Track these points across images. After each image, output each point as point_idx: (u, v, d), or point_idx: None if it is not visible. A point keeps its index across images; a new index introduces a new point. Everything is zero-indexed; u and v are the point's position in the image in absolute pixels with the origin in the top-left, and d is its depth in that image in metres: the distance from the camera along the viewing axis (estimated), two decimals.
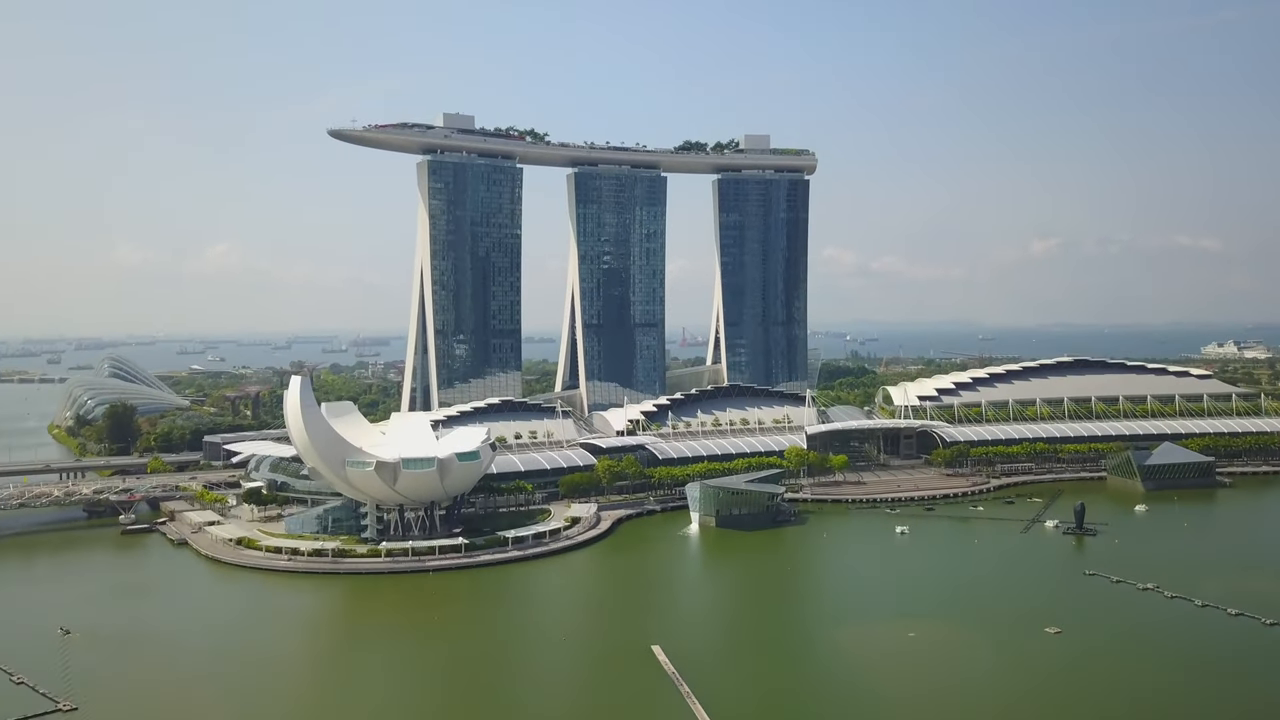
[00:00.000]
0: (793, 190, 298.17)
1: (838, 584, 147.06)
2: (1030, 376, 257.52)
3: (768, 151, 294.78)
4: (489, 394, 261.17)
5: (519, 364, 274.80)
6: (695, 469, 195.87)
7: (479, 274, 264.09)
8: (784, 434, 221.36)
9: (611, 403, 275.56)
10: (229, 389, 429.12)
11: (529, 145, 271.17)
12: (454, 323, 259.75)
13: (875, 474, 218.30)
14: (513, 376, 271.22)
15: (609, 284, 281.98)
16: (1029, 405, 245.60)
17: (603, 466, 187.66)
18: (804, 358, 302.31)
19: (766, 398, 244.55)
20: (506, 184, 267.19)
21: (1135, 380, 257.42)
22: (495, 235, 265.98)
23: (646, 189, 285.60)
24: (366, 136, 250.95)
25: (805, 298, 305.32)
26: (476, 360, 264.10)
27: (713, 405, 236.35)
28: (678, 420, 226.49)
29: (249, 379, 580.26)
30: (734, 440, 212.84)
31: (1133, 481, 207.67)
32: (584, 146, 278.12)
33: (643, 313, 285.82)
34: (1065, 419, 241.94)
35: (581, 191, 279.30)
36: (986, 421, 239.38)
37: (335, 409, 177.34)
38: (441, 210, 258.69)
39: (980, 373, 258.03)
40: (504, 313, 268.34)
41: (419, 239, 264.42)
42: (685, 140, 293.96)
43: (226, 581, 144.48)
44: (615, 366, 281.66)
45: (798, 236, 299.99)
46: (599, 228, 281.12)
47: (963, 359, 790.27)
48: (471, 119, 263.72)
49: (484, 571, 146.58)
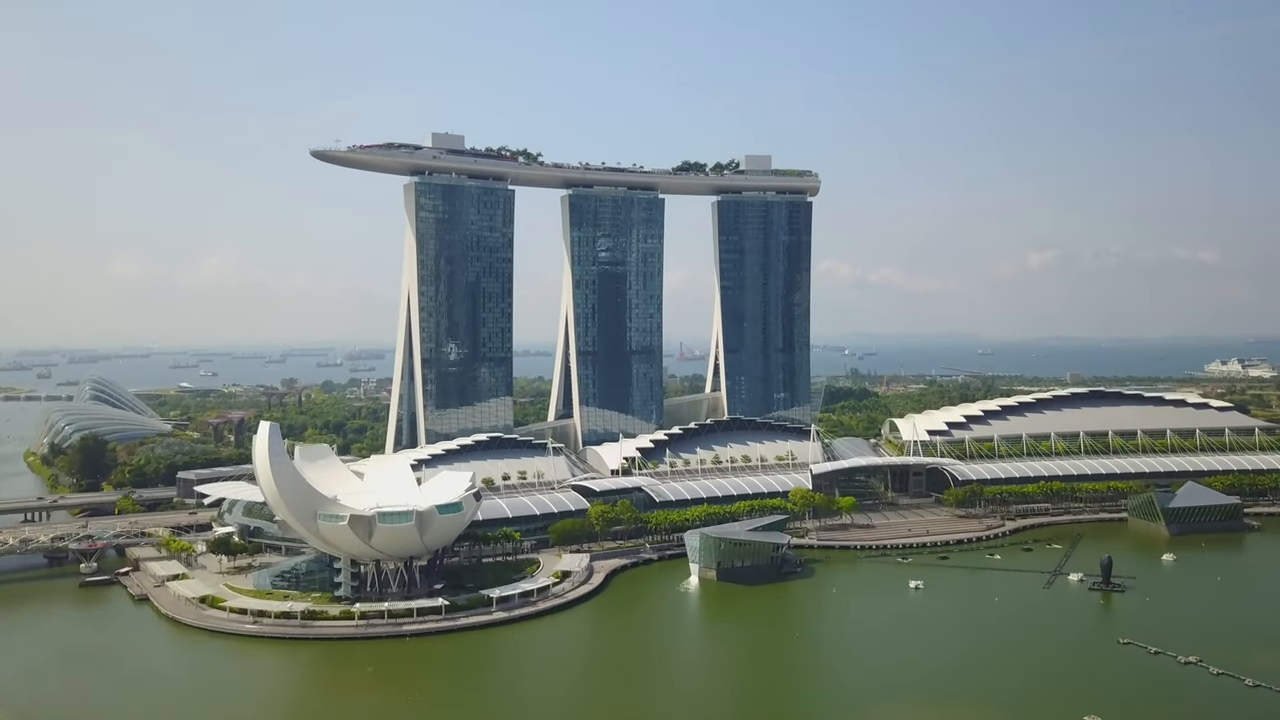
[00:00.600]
0: (794, 212, 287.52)
1: (850, 655, 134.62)
2: (1044, 409, 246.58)
3: (769, 172, 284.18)
4: (479, 421, 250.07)
5: (510, 389, 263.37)
6: (694, 513, 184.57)
7: (469, 299, 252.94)
8: (788, 472, 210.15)
9: (606, 430, 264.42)
10: (214, 412, 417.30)
11: (521, 166, 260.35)
12: (442, 350, 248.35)
13: (884, 515, 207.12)
14: (503, 402, 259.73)
15: (604, 310, 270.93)
16: (1043, 440, 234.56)
17: (596, 512, 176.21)
18: (806, 384, 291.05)
19: (769, 431, 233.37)
20: (498, 206, 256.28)
21: (1153, 412, 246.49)
22: (486, 259, 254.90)
23: (644, 211, 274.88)
24: (351, 158, 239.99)
25: (808, 323, 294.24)
26: (466, 388, 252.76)
27: (712, 440, 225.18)
28: (675, 457, 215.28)
29: (237, 399, 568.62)
30: (735, 480, 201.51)
31: (1156, 525, 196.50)
32: (578, 167, 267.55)
33: (639, 340, 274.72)
34: (1081, 454, 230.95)
35: (576, 214, 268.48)
36: (999, 457, 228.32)
37: (310, 452, 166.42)
38: (430, 233, 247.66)
39: (992, 405, 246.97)
40: (495, 339, 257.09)
41: (406, 263, 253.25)
42: (684, 160, 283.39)
43: (186, 648, 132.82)
44: (611, 395, 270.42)
45: (799, 260, 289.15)
46: (594, 251, 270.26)
47: (964, 376, 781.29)
48: (461, 139, 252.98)
49: (466, 636, 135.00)
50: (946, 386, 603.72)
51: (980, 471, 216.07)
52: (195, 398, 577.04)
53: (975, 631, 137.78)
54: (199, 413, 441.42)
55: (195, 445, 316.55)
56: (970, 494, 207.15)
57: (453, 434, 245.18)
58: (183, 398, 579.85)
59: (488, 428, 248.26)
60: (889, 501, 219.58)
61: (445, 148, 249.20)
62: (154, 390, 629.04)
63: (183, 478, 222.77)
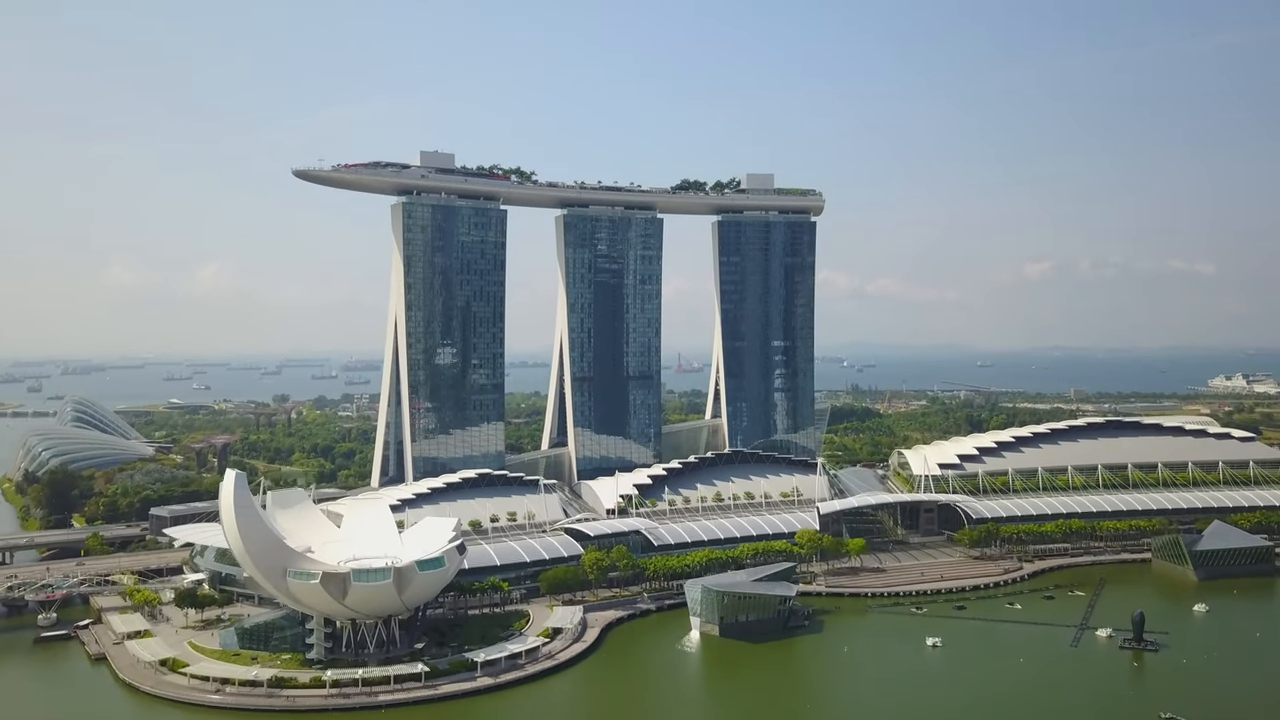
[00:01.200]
0: (798, 233, 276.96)
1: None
2: (1059, 439, 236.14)
3: (771, 191, 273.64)
4: (469, 448, 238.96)
5: (501, 414, 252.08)
6: (695, 558, 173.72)
7: (458, 325, 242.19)
8: (793, 510, 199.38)
9: (603, 458, 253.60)
10: (199, 434, 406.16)
11: (514, 186, 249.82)
12: (430, 379, 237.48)
13: (895, 556, 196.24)
14: (495, 428, 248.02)
15: (600, 334, 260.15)
16: (1059, 474, 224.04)
17: (590, 560, 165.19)
18: (810, 410, 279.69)
19: (773, 465, 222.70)
20: (490, 228, 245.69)
21: (1172, 443, 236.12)
22: (477, 283, 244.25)
23: (641, 231, 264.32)
24: (335, 177, 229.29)
25: (812, 347, 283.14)
26: (455, 415, 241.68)
27: (714, 474, 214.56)
28: (675, 494, 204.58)
29: (226, 416, 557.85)
30: (738, 520, 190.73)
31: (1183, 569, 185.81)
32: (573, 186, 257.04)
33: (637, 364, 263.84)
34: (1100, 489, 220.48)
35: (571, 234, 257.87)
36: (1014, 492, 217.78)
37: (283, 498, 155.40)
38: (418, 255, 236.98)
39: (1004, 436, 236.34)
40: (485, 366, 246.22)
41: (393, 285, 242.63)
42: (683, 179, 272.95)
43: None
44: (607, 422, 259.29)
45: (803, 282, 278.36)
46: (590, 273, 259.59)
47: (965, 392, 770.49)
48: (451, 157, 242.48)
49: (447, 706, 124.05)
50: (949, 404, 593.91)
51: (995, 509, 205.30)
52: (184, 415, 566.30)
53: (1000, 699, 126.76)
54: (186, 433, 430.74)
55: (176, 472, 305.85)
56: (985, 534, 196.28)
57: (442, 460, 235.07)
58: (171, 415, 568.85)
59: (479, 455, 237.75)
60: (899, 539, 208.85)
61: (434, 166, 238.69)
62: (142, 406, 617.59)
63: (155, 514, 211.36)
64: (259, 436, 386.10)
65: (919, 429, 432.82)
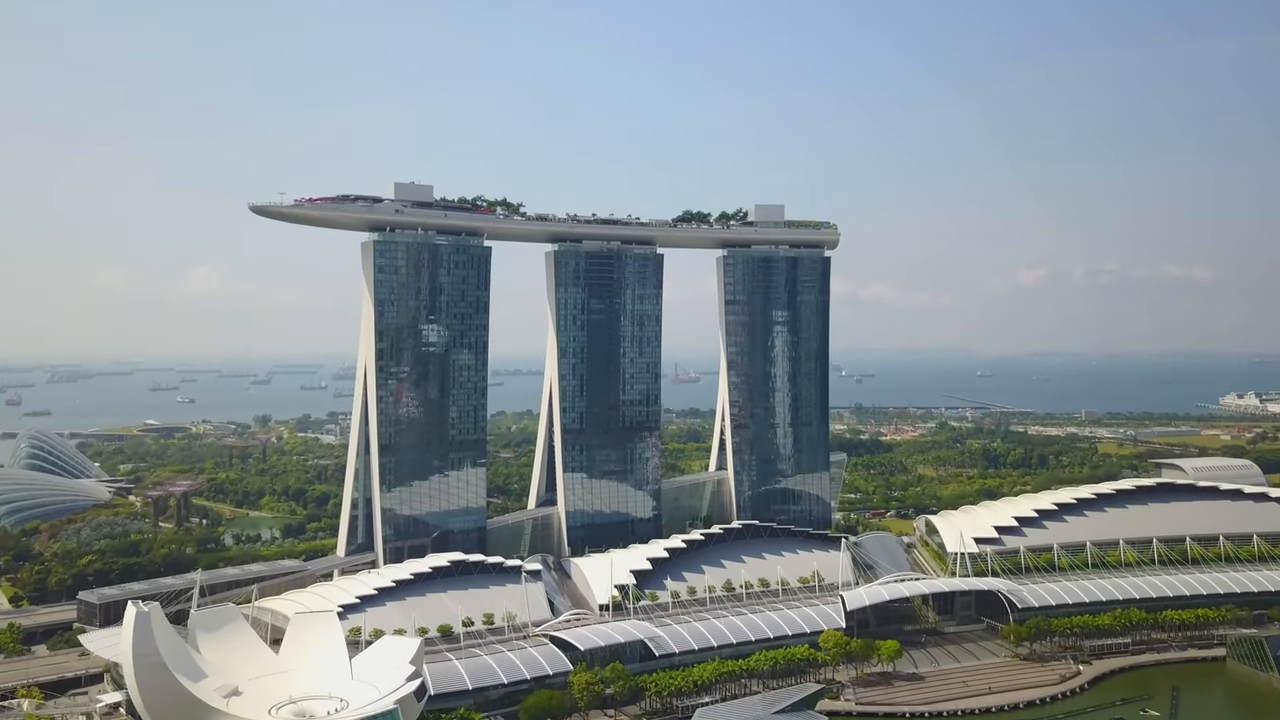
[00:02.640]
0: (810, 268, 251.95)
1: None
2: (1105, 506, 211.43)
3: (781, 224, 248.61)
4: (446, 503, 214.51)
5: (483, 465, 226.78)
6: (704, 671, 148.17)
7: (436, 375, 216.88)
8: (814, 602, 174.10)
9: (596, 520, 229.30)
10: (165, 471, 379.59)
11: (499, 220, 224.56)
12: (402, 437, 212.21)
13: (930, 654, 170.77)
14: (476, 482, 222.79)
15: (594, 381, 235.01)
16: (1110, 548, 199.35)
17: (580, 682, 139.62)
18: (824, 462, 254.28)
19: (789, 539, 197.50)
20: (472, 267, 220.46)
21: (1232, 510, 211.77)
22: (458, 328, 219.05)
23: (638, 268, 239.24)
24: (296, 214, 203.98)
25: (826, 394, 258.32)
26: (430, 474, 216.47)
27: (722, 554, 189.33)
28: (678, 581, 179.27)
29: (202, 442, 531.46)
30: (751, 620, 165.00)
31: (1267, 676, 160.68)
32: (565, 219, 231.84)
33: (633, 415, 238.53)
34: (1156, 567, 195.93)
35: (562, 272, 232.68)
36: (1060, 571, 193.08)
37: (210, 619, 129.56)
38: (390, 298, 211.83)
39: (1046, 502, 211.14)
40: (466, 420, 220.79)
41: (362, 332, 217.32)
42: (685, 210, 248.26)
43: None
44: (601, 480, 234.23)
45: (817, 322, 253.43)
46: (583, 314, 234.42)
47: (970, 410, 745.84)
48: (429, 189, 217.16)
49: None
50: (958, 429, 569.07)
51: (1043, 595, 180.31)
52: (158, 440, 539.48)
53: None
54: (155, 465, 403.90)
55: (129, 524, 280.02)
56: (1035, 629, 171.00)
57: (418, 519, 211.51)
58: (143, 440, 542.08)
59: (458, 509, 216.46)
60: (932, 627, 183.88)
61: (410, 200, 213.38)
62: (115, 429, 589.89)
63: (84, 599, 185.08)
64: (227, 476, 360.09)
65: (932, 464, 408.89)
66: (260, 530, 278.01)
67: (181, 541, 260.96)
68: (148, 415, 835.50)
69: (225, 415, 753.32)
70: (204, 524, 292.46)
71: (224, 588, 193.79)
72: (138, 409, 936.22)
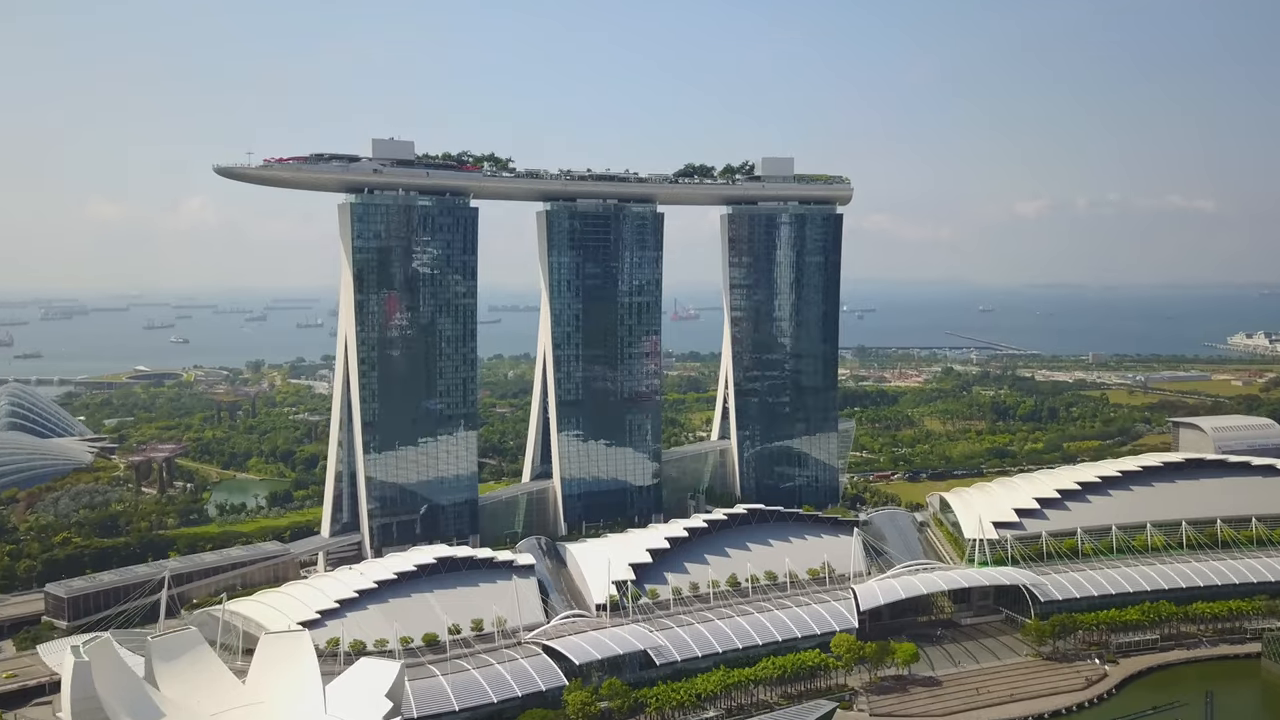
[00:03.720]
0: (822, 227, 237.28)
1: None
2: (1131, 484, 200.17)
3: (790, 179, 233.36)
4: (433, 470, 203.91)
5: (476, 423, 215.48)
6: (708, 682, 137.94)
7: (421, 346, 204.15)
8: (825, 598, 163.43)
9: (592, 494, 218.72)
10: (151, 429, 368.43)
11: (486, 178, 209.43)
12: (386, 412, 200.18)
13: (945, 651, 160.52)
14: (466, 442, 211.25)
15: (590, 350, 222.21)
16: (1136, 532, 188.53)
17: (575, 701, 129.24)
18: (832, 428, 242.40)
19: (796, 524, 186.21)
20: (457, 229, 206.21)
21: (1264, 488, 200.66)
22: (442, 295, 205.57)
23: (637, 228, 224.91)
24: (266, 175, 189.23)
25: (835, 359, 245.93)
26: (416, 450, 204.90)
27: (726, 542, 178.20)
28: (680, 573, 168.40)
29: (192, 392, 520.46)
30: (758, 620, 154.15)
31: None
32: (558, 176, 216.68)
33: (633, 384, 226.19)
34: (1184, 552, 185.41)
35: (555, 233, 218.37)
36: (1084, 558, 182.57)
37: (171, 646, 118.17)
38: (370, 266, 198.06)
39: (1068, 481, 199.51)
40: (454, 392, 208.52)
41: (342, 300, 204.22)
42: (687, 164, 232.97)
43: None
44: (598, 453, 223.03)
45: (828, 284, 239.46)
46: (578, 279, 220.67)
47: (975, 353, 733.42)
48: (410, 145, 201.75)
49: None
50: (964, 375, 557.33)
51: (1066, 586, 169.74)
52: (147, 389, 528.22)
53: None
54: (141, 420, 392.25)
55: (110, 492, 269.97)
56: (1059, 625, 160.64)
57: (407, 489, 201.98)
58: (132, 389, 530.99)
59: (449, 477, 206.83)
60: (947, 618, 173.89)
61: (389, 158, 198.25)
62: (104, 377, 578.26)
63: (51, 592, 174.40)
64: (213, 434, 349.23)
65: (940, 416, 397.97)
66: (246, 497, 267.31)
67: (163, 511, 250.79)
68: (141, 356, 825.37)
69: (218, 358, 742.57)
70: (188, 490, 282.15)
71: (201, 574, 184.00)
72: (130, 351, 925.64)
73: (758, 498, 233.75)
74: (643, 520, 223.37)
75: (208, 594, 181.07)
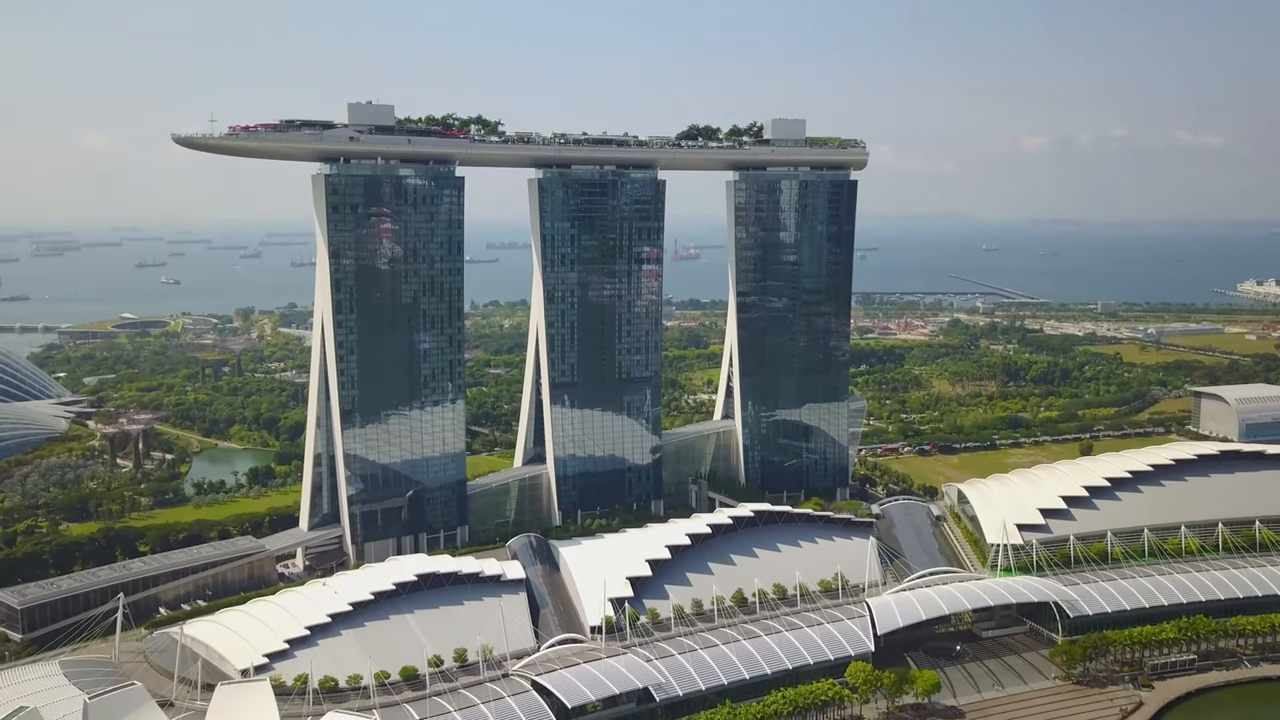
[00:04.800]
0: (835, 194, 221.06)
1: None
2: (1162, 479, 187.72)
3: (802, 143, 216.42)
4: (417, 453, 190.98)
5: (463, 393, 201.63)
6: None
7: (403, 328, 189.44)
8: (838, 614, 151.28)
9: (588, 482, 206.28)
10: (129, 392, 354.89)
11: (472, 144, 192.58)
12: (366, 400, 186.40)
13: (967, 673, 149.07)
14: (453, 412, 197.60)
15: (586, 330, 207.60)
16: (1170, 534, 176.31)
17: None
18: (842, 407, 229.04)
19: (806, 526, 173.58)
20: (441, 201, 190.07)
21: None
22: (427, 272, 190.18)
23: (637, 196, 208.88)
24: (231, 145, 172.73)
25: (847, 334, 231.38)
26: (400, 438, 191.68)
27: (731, 547, 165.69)
28: (683, 584, 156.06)
29: (179, 342, 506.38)
30: (767, 643, 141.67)
31: None
32: (551, 140, 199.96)
33: (631, 366, 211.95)
34: (1220, 554, 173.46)
35: (548, 203, 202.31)
36: (1115, 563, 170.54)
37: (111, 707, 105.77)
38: (347, 242, 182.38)
39: (1096, 476, 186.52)
40: (439, 377, 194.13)
41: (318, 278, 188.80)
42: (690, 125, 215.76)
43: None
44: (595, 437, 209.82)
45: (840, 256, 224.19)
46: (573, 251, 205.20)
47: (981, 300, 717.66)
48: (390, 110, 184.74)
49: None
50: (972, 327, 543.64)
51: (1097, 600, 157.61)
52: (132, 340, 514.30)
53: None
54: (121, 383, 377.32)
55: (83, 467, 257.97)
56: (1090, 648, 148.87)
57: (392, 471, 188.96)
58: (117, 339, 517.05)
59: (436, 457, 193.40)
60: (967, 630, 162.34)
61: (366, 123, 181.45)
62: (89, 326, 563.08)
63: (4, 601, 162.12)
64: (195, 398, 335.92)
65: (949, 377, 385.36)
66: (225, 473, 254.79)
67: (138, 491, 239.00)
68: (131, 300, 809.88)
69: (208, 303, 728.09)
70: (165, 463, 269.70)
71: (170, 576, 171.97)
72: (121, 292, 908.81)
73: (762, 480, 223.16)
74: (641, 507, 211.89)
75: (177, 594, 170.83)
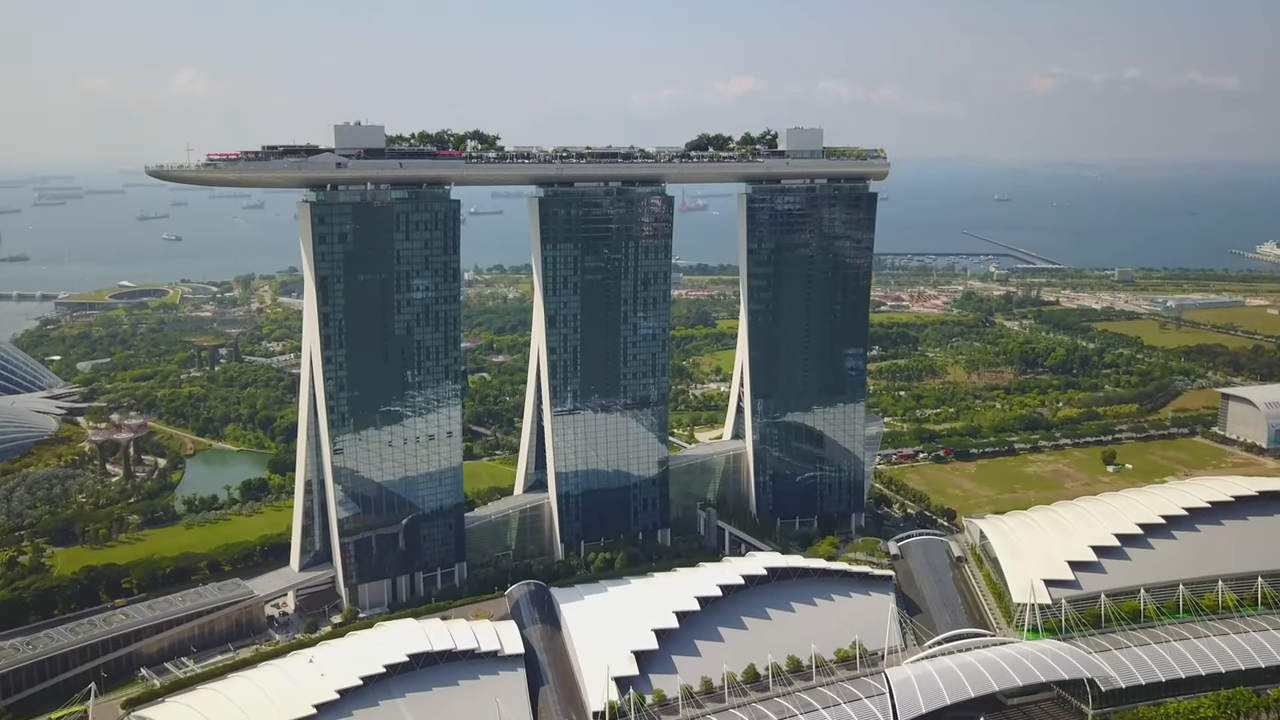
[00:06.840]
0: (854, 207, 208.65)
1: None
2: (1197, 523, 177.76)
3: (819, 153, 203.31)
4: (409, 486, 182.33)
5: (459, 425, 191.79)
6: None
7: (396, 361, 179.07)
8: (856, 693, 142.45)
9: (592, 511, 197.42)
10: (122, 381, 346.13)
11: (469, 165, 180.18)
12: (359, 445, 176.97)
13: None
14: (449, 446, 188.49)
15: (590, 353, 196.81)
16: (1205, 588, 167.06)
17: None
18: (858, 434, 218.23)
19: (821, 583, 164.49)
20: (436, 226, 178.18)
21: None
22: (420, 301, 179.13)
23: (643, 214, 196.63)
24: (210, 177, 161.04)
25: (864, 354, 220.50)
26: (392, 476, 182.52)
27: (743, 609, 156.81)
28: (693, 655, 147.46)
29: (178, 315, 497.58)
30: None
31: None
32: (553, 156, 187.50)
33: (637, 390, 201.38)
34: (1257, 610, 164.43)
35: (550, 225, 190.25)
36: (1147, 622, 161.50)
37: None
38: (336, 272, 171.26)
39: (1128, 524, 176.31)
40: (434, 408, 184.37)
41: (306, 308, 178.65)
42: (700, 134, 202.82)
43: None
44: (598, 466, 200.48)
45: (858, 272, 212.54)
46: (576, 274, 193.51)
47: (996, 267, 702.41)
48: (379, 131, 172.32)
49: None
50: (986, 300, 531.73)
51: (1131, 671, 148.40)
52: (130, 311, 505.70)
53: None
54: (115, 370, 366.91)
55: (71, 479, 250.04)
56: None
57: (385, 492, 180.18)
58: (113, 310, 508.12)
59: (427, 476, 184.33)
60: (991, 697, 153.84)
61: (354, 147, 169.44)
62: (86, 296, 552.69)
63: None
64: (190, 390, 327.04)
65: (964, 364, 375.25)
66: (217, 485, 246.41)
67: (127, 508, 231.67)
68: (131, 260, 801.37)
69: (208, 264, 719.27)
70: (156, 472, 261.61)
71: (154, 630, 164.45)
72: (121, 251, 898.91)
73: (774, 505, 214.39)
74: (648, 537, 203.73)
75: (161, 648, 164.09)
